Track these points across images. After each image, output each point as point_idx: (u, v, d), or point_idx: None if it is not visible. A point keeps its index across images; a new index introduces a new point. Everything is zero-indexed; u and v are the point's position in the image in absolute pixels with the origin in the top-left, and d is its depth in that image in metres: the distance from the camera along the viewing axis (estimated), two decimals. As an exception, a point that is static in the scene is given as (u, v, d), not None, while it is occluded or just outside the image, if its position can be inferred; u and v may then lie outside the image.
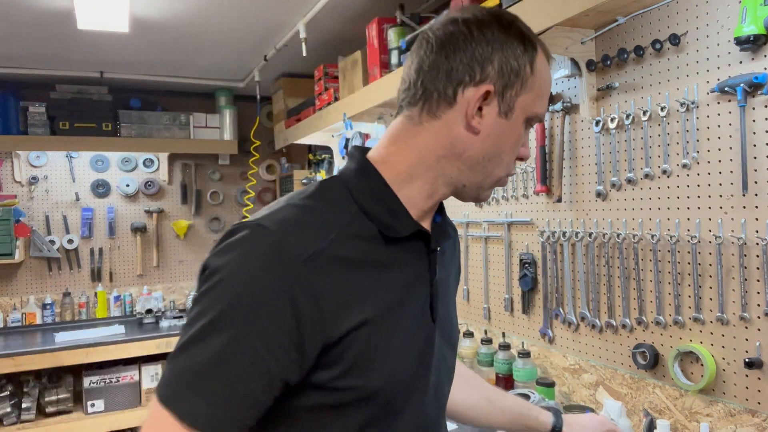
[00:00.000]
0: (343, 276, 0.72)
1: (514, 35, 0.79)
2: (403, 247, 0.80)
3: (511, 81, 0.78)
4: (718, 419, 1.41)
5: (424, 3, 2.39)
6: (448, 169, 0.82)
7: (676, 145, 1.50)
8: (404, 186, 0.81)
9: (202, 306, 0.69)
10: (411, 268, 0.81)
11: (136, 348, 3.17)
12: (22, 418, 3.01)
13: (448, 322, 0.92)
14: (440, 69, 0.78)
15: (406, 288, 0.79)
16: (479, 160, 0.81)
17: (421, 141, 0.81)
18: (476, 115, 0.78)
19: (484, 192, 0.86)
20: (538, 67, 0.80)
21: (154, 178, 4.00)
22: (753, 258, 1.33)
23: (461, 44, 0.78)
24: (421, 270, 0.83)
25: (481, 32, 0.78)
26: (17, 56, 3.11)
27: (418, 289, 0.82)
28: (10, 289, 3.62)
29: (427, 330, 0.83)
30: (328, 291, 0.70)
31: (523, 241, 2.07)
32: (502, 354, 2.01)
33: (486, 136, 0.79)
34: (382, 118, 2.81)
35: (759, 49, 1.29)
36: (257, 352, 0.67)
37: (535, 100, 0.81)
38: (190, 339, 0.68)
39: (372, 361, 0.74)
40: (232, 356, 0.67)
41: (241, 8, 2.48)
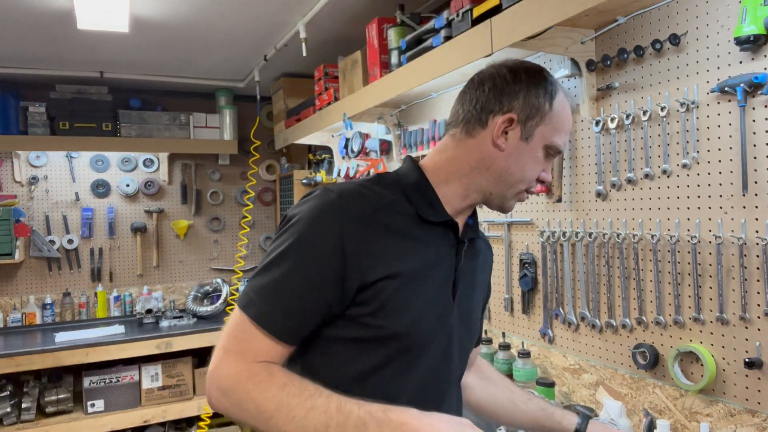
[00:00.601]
0: (382, 236, 0.94)
1: (539, 80, 1.02)
2: (435, 231, 1.02)
3: (532, 113, 1.00)
4: (718, 419, 1.41)
5: (424, 3, 2.40)
6: (479, 178, 1.04)
7: (676, 145, 1.50)
8: (442, 186, 1.04)
9: (279, 241, 0.93)
10: (438, 249, 1.02)
11: (136, 348, 3.17)
12: (22, 418, 3.01)
13: (469, 311, 1.11)
14: (479, 100, 1.03)
15: (432, 262, 1.00)
16: (503, 173, 1.02)
17: (459, 153, 1.05)
18: (502, 136, 1.01)
19: (507, 202, 1.06)
20: (557, 106, 1.02)
21: (154, 178, 4.00)
22: (753, 258, 1.33)
23: (497, 83, 1.02)
24: (447, 253, 1.04)
25: (513, 74, 1.02)
26: (17, 56, 3.11)
27: (444, 267, 1.02)
28: (10, 289, 3.63)
29: (446, 302, 1.03)
30: (370, 244, 0.92)
31: (523, 241, 2.07)
32: (502, 354, 2.01)
33: (509, 155, 1.01)
34: (382, 118, 2.81)
35: (759, 49, 1.30)
36: (312, 278, 0.90)
37: (553, 132, 1.02)
38: (265, 264, 0.92)
39: (395, 308, 0.94)
40: (294, 278, 0.90)
41: (241, 8, 2.48)
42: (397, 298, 0.94)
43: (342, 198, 0.93)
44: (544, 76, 1.03)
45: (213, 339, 3.35)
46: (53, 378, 3.23)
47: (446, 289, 1.03)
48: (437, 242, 1.02)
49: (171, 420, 3.36)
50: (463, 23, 1.82)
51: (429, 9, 2.41)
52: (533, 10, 1.51)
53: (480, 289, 1.18)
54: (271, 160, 4.31)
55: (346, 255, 0.90)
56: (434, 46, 1.99)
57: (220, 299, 3.76)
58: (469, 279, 1.10)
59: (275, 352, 0.90)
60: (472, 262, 1.13)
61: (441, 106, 2.53)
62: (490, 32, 1.67)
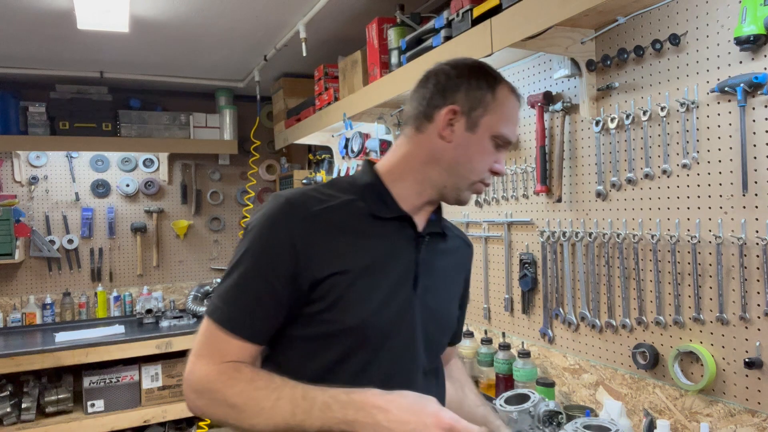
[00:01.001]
0: (332, 234, 0.99)
1: (480, 73, 1.07)
2: (389, 226, 1.05)
3: (475, 104, 1.04)
4: (718, 419, 1.41)
5: (424, 3, 2.40)
6: (431, 172, 1.07)
7: (676, 145, 1.50)
8: (397, 183, 1.08)
9: (237, 249, 1.00)
10: (394, 243, 1.05)
11: (136, 348, 3.17)
12: (22, 418, 3.01)
13: (437, 305, 1.11)
14: (425, 97, 1.07)
15: (387, 256, 1.03)
16: (452, 164, 1.05)
17: (410, 150, 1.09)
18: (447, 128, 1.04)
19: (462, 194, 1.09)
20: (500, 96, 1.06)
21: (154, 178, 4.00)
22: (753, 258, 1.33)
23: (440, 78, 1.07)
24: (405, 246, 1.07)
25: (455, 69, 1.08)
26: (17, 56, 3.11)
27: (402, 260, 1.05)
28: (10, 289, 3.62)
29: (405, 295, 1.04)
30: (319, 242, 0.97)
31: (523, 241, 2.07)
32: (502, 354, 2.01)
33: (456, 146, 1.05)
34: (382, 118, 2.81)
35: (759, 49, 1.30)
36: (267, 278, 0.95)
37: (499, 122, 1.05)
38: (227, 272, 0.99)
39: (349, 303, 0.97)
40: (251, 280, 0.96)
41: (241, 8, 2.48)
42: (350, 294, 0.97)
43: (290, 201, 0.99)
44: (486, 70, 1.08)
45: (213, 339, 3.35)
46: (53, 378, 3.23)
47: (406, 282, 1.05)
48: (392, 237, 1.05)
49: (171, 420, 3.36)
50: (463, 23, 1.82)
51: (429, 9, 2.41)
52: (533, 10, 1.51)
53: (454, 285, 1.20)
54: (271, 160, 4.31)
55: (297, 254, 0.95)
56: (434, 46, 1.99)
57: (220, 299, 3.75)
58: (437, 273, 1.12)
59: (242, 351, 0.96)
60: (444, 258, 1.15)
61: (441, 106, 2.53)
62: (490, 32, 1.67)
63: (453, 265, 1.19)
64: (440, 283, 1.13)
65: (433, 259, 1.11)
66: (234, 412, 0.90)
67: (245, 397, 0.90)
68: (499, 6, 1.65)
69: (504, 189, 2.15)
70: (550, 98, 1.88)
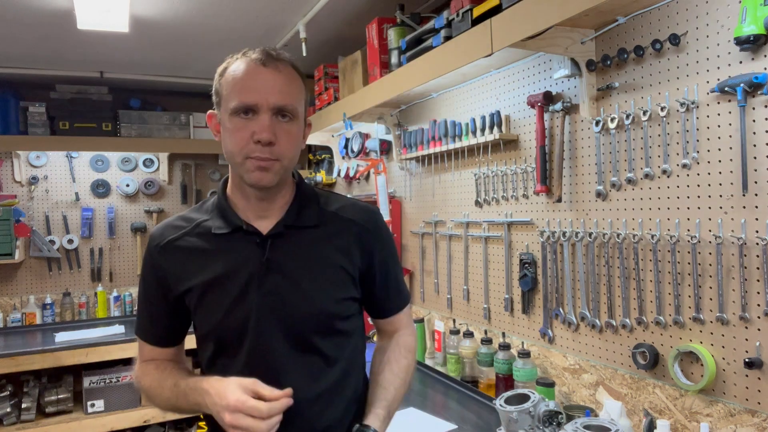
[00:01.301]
0: (182, 258, 1.17)
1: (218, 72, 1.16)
2: (233, 239, 1.15)
3: (216, 99, 1.16)
4: (718, 419, 1.41)
5: (424, 3, 2.40)
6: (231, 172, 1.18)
7: (676, 145, 1.50)
8: (233, 194, 1.19)
9: None
10: (238, 253, 1.14)
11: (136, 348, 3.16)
12: (22, 418, 3.01)
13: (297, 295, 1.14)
14: None
15: (231, 267, 1.13)
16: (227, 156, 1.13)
17: None
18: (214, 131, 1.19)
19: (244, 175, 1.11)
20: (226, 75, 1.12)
21: (154, 178, 4.00)
22: (753, 258, 1.33)
23: None
24: (249, 253, 1.14)
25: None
26: (17, 56, 3.11)
27: (246, 268, 1.13)
28: (10, 289, 3.62)
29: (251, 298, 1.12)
30: (172, 266, 1.17)
31: (523, 241, 2.07)
32: (502, 354, 2.01)
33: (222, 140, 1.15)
34: (382, 118, 2.81)
35: (759, 49, 1.30)
36: (149, 296, 1.22)
37: (229, 96, 1.10)
38: None
39: (202, 314, 1.16)
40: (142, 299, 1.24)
41: (241, 8, 2.48)
42: (201, 306, 1.15)
43: (152, 235, 1.22)
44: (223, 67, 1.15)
45: (213, 339, 3.35)
46: (53, 378, 3.23)
47: (252, 286, 1.12)
48: (236, 248, 1.15)
49: (171, 420, 3.35)
50: (463, 23, 1.82)
51: (429, 9, 2.41)
52: (533, 10, 1.51)
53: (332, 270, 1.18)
54: (271, 160, 4.31)
55: (159, 277, 1.19)
56: (434, 46, 1.99)
57: (220, 299, 3.75)
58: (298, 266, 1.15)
59: (153, 352, 1.26)
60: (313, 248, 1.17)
61: (441, 106, 2.53)
62: (490, 32, 1.67)
63: (331, 250, 1.18)
64: (303, 274, 1.15)
65: (288, 255, 1.15)
66: (147, 397, 1.21)
67: (148, 386, 1.21)
68: (499, 6, 1.65)
69: (504, 189, 2.15)
70: (550, 98, 1.88)
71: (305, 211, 1.19)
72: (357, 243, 1.21)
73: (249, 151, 1.08)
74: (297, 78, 1.15)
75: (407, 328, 1.35)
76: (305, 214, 1.19)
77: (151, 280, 1.21)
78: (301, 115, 1.15)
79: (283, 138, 1.09)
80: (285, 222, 1.16)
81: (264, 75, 1.09)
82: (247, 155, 1.08)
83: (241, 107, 1.08)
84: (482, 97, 2.27)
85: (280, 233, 1.16)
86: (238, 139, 1.09)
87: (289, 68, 1.13)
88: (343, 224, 1.21)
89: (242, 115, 1.09)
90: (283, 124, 1.10)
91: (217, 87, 1.14)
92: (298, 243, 1.17)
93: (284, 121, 1.10)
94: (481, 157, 2.25)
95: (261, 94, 1.07)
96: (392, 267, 1.29)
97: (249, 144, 1.08)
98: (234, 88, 1.09)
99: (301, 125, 1.17)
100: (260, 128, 1.07)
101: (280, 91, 1.09)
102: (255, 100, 1.07)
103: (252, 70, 1.09)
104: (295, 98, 1.11)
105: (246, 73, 1.09)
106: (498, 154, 2.18)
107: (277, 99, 1.08)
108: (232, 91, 1.09)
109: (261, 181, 1.09)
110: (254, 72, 1.09)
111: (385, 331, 1.34)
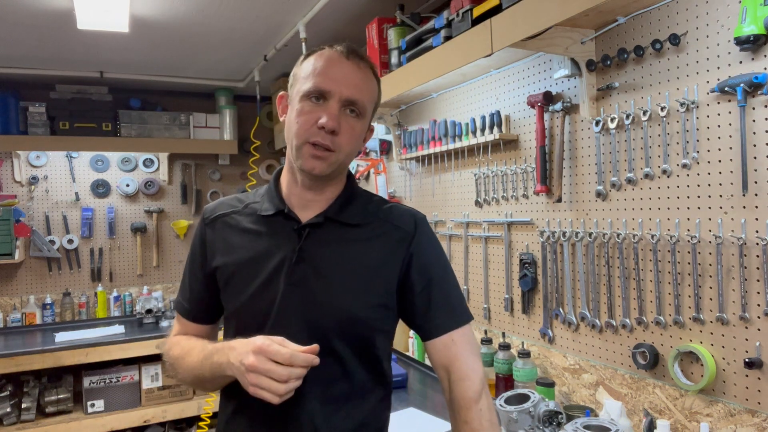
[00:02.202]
0: (225, 234, 1.19)
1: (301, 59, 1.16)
2: (272, 223, 1.16)
3: (291, 81, 1.16)
4: (718, 419, 1.41)
5: (424, 3, 2.39)
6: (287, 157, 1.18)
7: (676, 145, 1.50)
8: (283, 179, 1.20)
9: None
10: (273, 239, 1.14)
11: (136, 348, 3.17)
12: (22, 418, 3.01)
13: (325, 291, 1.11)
14: None
15: (267, 249, 1.14)
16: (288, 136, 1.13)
17: None
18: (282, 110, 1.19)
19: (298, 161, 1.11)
20: (305, 64, 1.13)
21: (154, 178, 4.00)
22: (753, 258, 1.33)
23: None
24: (286, 239, 1.13)
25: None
26: (17, 56, 3.11)
27: (280, 253, 1.12)
28: (10, 289, 3.62)
29: (279, 284, 1.11)
30: (215, 240, 1.20)
31: (523, 241, 2.07)
32: (502, 354, 2.01)
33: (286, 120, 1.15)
34: (382, 118, 2.81)
35: (759, 49, 1.30)
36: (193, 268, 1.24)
37: (304, 82, 1.10)
38: None
39: (230, 292, 1.16)
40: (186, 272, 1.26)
41: (241, 8, 2.48)
42: (230, 284, 1.16)
43: (207, 207, 1.25)
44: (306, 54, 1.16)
45: (213, 339, 3.35)
46: (53, 378, 3.23)
47: (281, 272, 1.11)
48: (276, 231, 1.15)
49: (171, 420, 3.35)
50: (463, 23, 1.82)
51: (429, 9, 2.40)
52: (533, 10, 1.51)
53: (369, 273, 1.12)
54: (271, 160, 4.31)
55: (205, 248, 1.21)
56: (434, 46, 1.99)
57: (220, 299, 3.75)
58: (329, 262, 1.12)
59: (186, 328, 1.26)
60: (351, 246, 1.13)
61: (441, 106, 2.53)
62: (490, 32, 1.67)
63: (369, 252, 1.14)
64: (334, 270, 1.11)
65: (322, 248, 1.12)
66: (173, 369, 1.21)
67: (177, 355, 1.19)
68: (499, 6, 1.65)
69: (504, 189, 2.15)
70: (550, 98, 1.88)
71: (349, 208, 1.17)
72: (398, 248, 1.15)
73: (310, 135, 1.08)
74: (373, 80, 1.15)
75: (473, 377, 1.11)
76: (349, 211, 1.17)
77: (195, 252, 1.23)
78: (368, 115, 1.15)
79: (347, 131, 1.09)
80: (326, 214, 1.14)
81: (344, 66, 1.10)
82: (307, 139, 1.08)
83: (315, 91, 1.08)
84: (482, 97, 2.27)
85: (318, 224, 1.13)
86: (303, 122, 1.09)
87: (369, 69, 1.14)
88: (386, 227, 1.17)
89: (313, 100, 1.09)
90: (350, 118, 1.10)
91: (295, 70, 1.15)
92: (335, 238, 1.14)
93: (351, 116, 1.10)
94: (481, 157, 2.25)
95: (336, 83, 1.08)
96: (437, 276, 1.16)
97: (312, 128, 1.08)
98: (312, 72, 1.10)
99: (365, 125, 1.16)
100: (328, 115, 1.07)
101: (355, 85, 1.10)
102: (329, 87, 1.08)
103: (334, 59, 1.10)
104: (367, 96, 1.12)
105: (328, 60, 1.10)
106: (498, 154, 2.18)
107: (351, 92, 1.09)
108: (311, 74, 1.10)
109: (314, 169, 1.09)
110: (336, 61, 1.10)
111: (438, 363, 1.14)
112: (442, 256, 1.21)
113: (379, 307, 1.13)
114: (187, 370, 1.15)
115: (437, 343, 1.14)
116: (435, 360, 1.15)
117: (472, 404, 1.09)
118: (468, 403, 1.09)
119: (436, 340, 1.14)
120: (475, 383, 1.11)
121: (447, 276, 1.19)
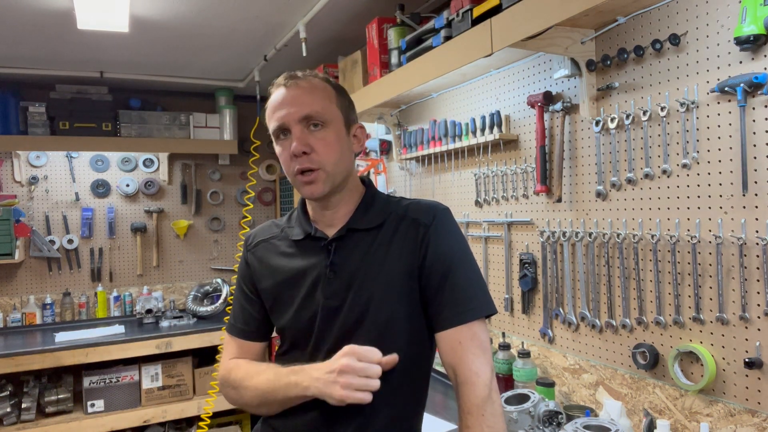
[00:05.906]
0: (266, 257, 1.27)
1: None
2: (305, 244, 1.23)
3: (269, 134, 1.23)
4: (718, 419, 1.41)
5: (424, 3, 2.39)
6: None
7: (676, 145, 1.50)
8: (308, 205, 1.27)
9: None
10: (308, 258, 1.21)
11: (136, 348, 3.17)
12: (22, 418, 3.01)
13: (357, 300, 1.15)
14: None
15: (301, 271, 1.21)
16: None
17: None
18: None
19: (298, 189, 1.20)
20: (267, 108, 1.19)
21: (154, 178, 4.00)
22: (753, 258, 1.33)
23: None
24: (316, 258, 1.20)
25: None
26: (17, 56, 3.11)
27: (313, 272, 1.19)
28: (10, 289, 3.62)
29: (314, 302, 1.18)
30: (260, 263, 1.28)
31: (523, 241, 2.07)
32: (502, 354, 2.01)
33: None
34: (382, 118, 2.81)
35: (759, 49, 1.30)
36: (243, 289, 1.31)
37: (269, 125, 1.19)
38: None
39: (276, 311, 1.25)
40: (237, 294, 1.33)
41: (241, 8, 2.48)
42: (275, 303, 1.24)
43: (250, 233, 1.34)
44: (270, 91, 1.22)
45: (213, 339, 3.35)
46: (53, 378, 3.23)
47: (315, 290, 1.18)
48: (307, 252, 1.22)
49: (171, 420, 3.36)
50: (463, 23, 1.82)
51: (429, 9, 2.40)
52: (533, 10, 1.51)
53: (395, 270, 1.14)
54: (271, 160, 4.31)
55: (251, 271, 1.29)
56: (434, 46, 1.99)
57: (220, 299, 3.75)
58: (360, 270, 1.16)
59: (240, 349, 1.29)
60: (377, 250, 1.17)
61: (441, 106, 2.53)
62: (490, 32, 1.67)
63: (391, 251, 1.16)
64: (361, 277, 1.15)
65: (348, 258, 1.18)
66: (236, 391, 1.22)
67: (241, 377, 1.22)
68: (499, 6, 1.64)
69: (504, 189, 2.15)
70: (550, 98, 1.88)
71: (369, 213, 1.22)
72: (415, 241, 1.16)
73: (293, 167, 1.15)
74: (321, 87, 1.18)
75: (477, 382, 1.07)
76: (368, 216, 1.21)
77: (243, 275, 1.31)
78: (334, 120, 1.17)
79: (319, 146, 1.14)
80: (348, 225, 1.20)
81: (286, 94, 1.16)
82: (294, 173, 1.16)
83: (277, 131, 1.17)
84: (482, 97, 2.27)
85: (341, 236, 1.19)
86: (284, 160, 1.18)
87: (312, 81, 1.18)
88: (406, 224, 1.19)
89: (281, 138, 1.17)
90: (316, 132, 1.15)
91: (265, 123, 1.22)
92: (358, 245, 1.18)
93: (316, 129, 1.15)
94: (481, 157, 2.25)
95: (286, 113, 1.14)
96: (452, 267, 1.14)
97: (292, 161, 1.15)
98: (270, 115, 1.18)
99: (339, 131, 1.18)
100: (295, 141, 1.14)
101: (301, 102, 1.14)
102: (283, 120, 1.14)
103: (278, 94, 1.17)
104: (318, 105, 1.15)
105: (274, 98, 1.18)
106: (498, 154, 2.18)
107: (300, 110, 1.13)
108: (270, 118, 1.18)
109: (313, 193, 1.16)
110: (280, 95, 1.17)
111: (445, 361, 1.13)
112: (460, 246, 1.18)
113: (403, 306, 1.15)
114: (254, 390, 1.18)
115: (444, 338, 1.12)
116: (442, 358, 1.14)
117: (474, 410, 1.06)
118: (470, 408, 1.06)
119: (443, 335, 1.12)
120: (478, 388, 1.06)
121: (463, 267, 1.15)
